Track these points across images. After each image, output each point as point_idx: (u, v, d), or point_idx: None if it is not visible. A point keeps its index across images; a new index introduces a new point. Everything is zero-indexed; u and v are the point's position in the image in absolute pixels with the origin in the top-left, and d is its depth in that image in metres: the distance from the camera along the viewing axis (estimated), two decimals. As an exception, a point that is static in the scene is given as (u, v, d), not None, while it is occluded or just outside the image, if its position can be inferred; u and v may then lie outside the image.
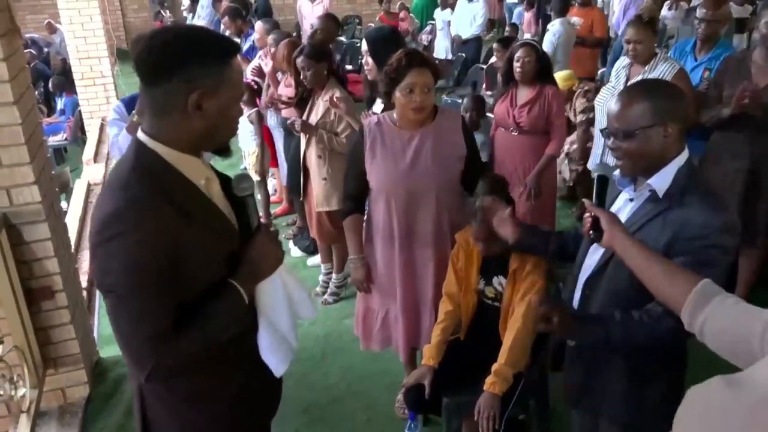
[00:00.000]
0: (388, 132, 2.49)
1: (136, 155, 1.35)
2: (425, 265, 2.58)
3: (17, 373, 2.63)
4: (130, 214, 1.27)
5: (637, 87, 1.68)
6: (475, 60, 7.81)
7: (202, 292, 1.38)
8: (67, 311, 2.86)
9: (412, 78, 2.34)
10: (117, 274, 1.29)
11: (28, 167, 2.60)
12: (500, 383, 2.27)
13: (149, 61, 1.30)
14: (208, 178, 1.46)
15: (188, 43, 1.31)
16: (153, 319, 1.31)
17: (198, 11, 9.28)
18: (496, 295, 2.43)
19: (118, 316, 1.33)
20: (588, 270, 1.82)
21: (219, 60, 1.33)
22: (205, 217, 1.40)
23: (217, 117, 1.35)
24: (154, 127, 1.36)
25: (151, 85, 1.32)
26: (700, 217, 1.56)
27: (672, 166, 1.63)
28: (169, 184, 1.34)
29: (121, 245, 1.26)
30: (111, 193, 1.32)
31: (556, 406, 2.63)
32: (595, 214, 1.62)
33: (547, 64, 3.74)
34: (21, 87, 2.63)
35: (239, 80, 1.40)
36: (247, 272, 1.45)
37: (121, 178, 1.33)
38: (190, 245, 1.33)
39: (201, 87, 1.30)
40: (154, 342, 1.31)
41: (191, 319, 1.35)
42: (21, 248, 2.68)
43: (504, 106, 3.72)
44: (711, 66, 3.68)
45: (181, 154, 1.37)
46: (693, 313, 1.34)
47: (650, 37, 3.48)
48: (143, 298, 1.29)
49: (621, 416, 1.82)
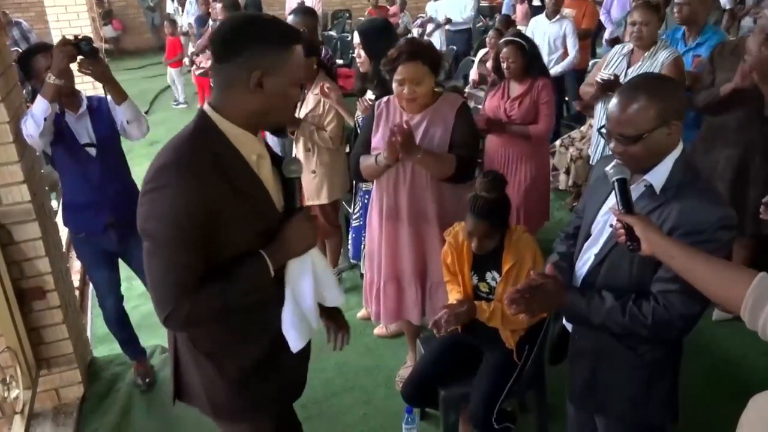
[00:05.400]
0: (393, 111, 2.66)
1: (196, 122, 1.49)
2: (431, 240, 2.66)
3: (10, 375, 2.61)
4: (176, 170, 1.40)
5: (638, 88, 1.60)
6: (466, 52, 7.79)
7: (232, 259, 1.48)
8: (59, 311, 2.84)
9: (401, 72, 2.47)
10: (156, 222, 1.41)
11: (16, 166, 2.57)
12: (486, 313, 2.32)
13: (221, 39, 1.44)
14: (260, 155, 1.55)
15: (256, 27, 1.45)
16: (180, 269, 1.42)
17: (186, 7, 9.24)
18: (489, 290, 2.42)
19: (151, 261, 1.45)
20: (585, 266, 1.80)
21: (282, 44, 1.45)
22: (248, 190, 1.50)
23: (275, 97, 1.47)
24: (218, 100, 1.49)
25: (220, 62, 1.45)
26: (697, 212, 1.55)
27: (668, 160, 1.61)
28: (220, 152, 1.46)
29: (163, 196, 1.39)
30: (165, 151, 1.46)
31: (554, 399, 2.63)
32: (627, 223, 1.52)
33: (536, 57, 3.70)
34: (8, 84, 2.60)
35: (299, 66, 1.50)
36: (279, 247, 1.54)
37: (178, 139, 1.48)
38: (228, 213, 1.43)
39: (263, 67, 1.42)
40: (177, 289, 1.43)
41: (216, 277, 1.46)
42: (11, 248, 2.65)
43: (496, 99, 3.71)
44: (699, 52, 3.68)
45: (237, 128, 1.48)
46: (754, 312, 1.27)
47: (656, 20, 3.47)
48: (175, 248, 1.41)
49: (626, 413, 1.81)
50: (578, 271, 1.84)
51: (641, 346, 1.72)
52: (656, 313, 1.60)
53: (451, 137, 2.53)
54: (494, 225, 2.26)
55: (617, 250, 1.66)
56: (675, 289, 1.56)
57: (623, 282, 1.68)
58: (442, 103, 2.59)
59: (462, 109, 2.58)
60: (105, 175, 2.78)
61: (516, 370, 2.41)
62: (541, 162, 3.77)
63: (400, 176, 2.63)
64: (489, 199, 2.23)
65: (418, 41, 2.62)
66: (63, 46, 2.49)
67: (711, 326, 3.33)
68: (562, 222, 4.68)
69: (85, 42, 2.55)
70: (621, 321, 1.64)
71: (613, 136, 1.61)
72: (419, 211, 2.65)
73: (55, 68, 2.48)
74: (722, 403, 2.71)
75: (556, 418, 2.62)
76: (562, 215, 4.86)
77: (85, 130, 2.74)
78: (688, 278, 1.44)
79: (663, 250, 1.47)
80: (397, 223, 2.67)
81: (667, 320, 1.59)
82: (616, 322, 1.65)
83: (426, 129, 2.55)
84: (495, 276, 2.38)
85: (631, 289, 1.66)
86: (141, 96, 8.73)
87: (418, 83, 2.47)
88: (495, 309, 2.32)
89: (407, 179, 2.61)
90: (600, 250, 1.75)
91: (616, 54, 3.66)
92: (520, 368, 2.41)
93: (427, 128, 2.55)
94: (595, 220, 1.80)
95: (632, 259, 1.63)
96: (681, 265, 1.44)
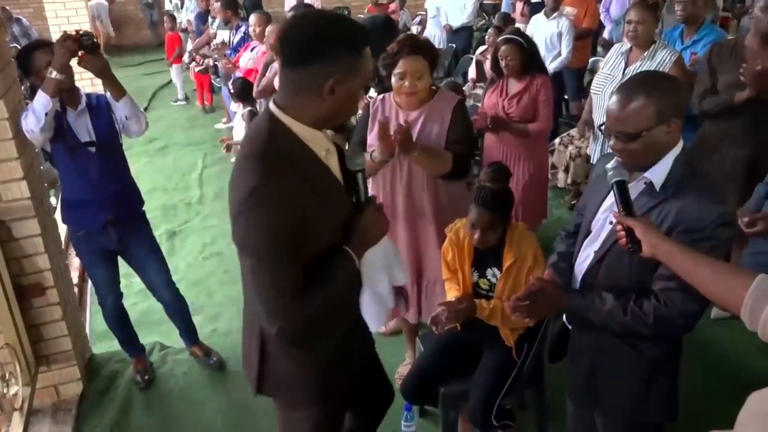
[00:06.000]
0: (389, 109, 2.65)
1: (269, 126, 1.49)
2: (427, 238, 2.67)
3: (9, 371, 2.61)
4: (268, 185, 1.41)
5: (637, 85, 1.60)
6: (466, 50, 7.77)
7: (318, 256, 1.52)
8: (58, 308, 2.83)
9: (402, 66, 2.49)
10: (256, 239, 1.43)
11: (16, 162, 2.57)
12: (486, 311, 2.31)
13: (297, 44, 1.42)
14: (328, 150, 1.59)
15: (332, 32, 1.42)
16: (287, 278, 1.46)
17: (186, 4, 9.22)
18: (489, 287, 2.43)
19: (257, 276, 1.48)
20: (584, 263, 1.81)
21: (356, 50, 1.44)
22: (326, 186, 1.55)
23: (344, 101, 1.48)
24: (286, 101, 1.49)
25: (293, 66, 1.44)
26: (696, 210, 1.55)
27: (668, 157, 1.61)
28: (297, 154, 1.49)
29: (260, 213, 1.41)
30: (249, 164, 1.46)
31: (553, 397, 2.64)
32: (628, 225, 1.52)
33: (535, 55, 3.69)
34: (7, 81, 2.59)
35: (368, 69, 1.51)
36: (359, 240, 1.60)
37: (257, 148, 1.48)
38: (313, 210, 1.47)
39: (338, 74, 1.41)
40: (287, 300, 1.46)
41: (313, 283, 1.50)
42: (10, 245, 2.65)
43: (494, 97, 3.70)
44: (696, 49, 3.68)
45: (306, 127, 1.50)
46: (754, 313, 1.27)
47: (652, 19, 3.48)
48: (278, 259, 1.44)
49: (625, 410, 1.82)
50: (578, 268, 1.84)
51: (642, 343, 1.72)
52: (657, 311, 1.60)
53: (448, 134, 2.54)
54: (498, 217, 2.26)
55: (617, 247, 1.66)
56: (676, 287, 1.57)
57: (623, 279, 1.68)
58: (438, 100, 2.60)
59: (458, 106, 2.59)
60: (104, 172, 2.78)
61: (515, 368, 2.41)
62: (539, 160, 3.77)
63: (396, 174, 2.63)
64: (494, 190, 2.24)
65: (417, 37, 2.64)
66: (64, 41, 2.49)
67: (710, 324, 3.33)
68: (560, 220, 4.69)
69: (86, 37, 2.55)
70: (623, 320, 1.64)
71: (612, 133, 1.62)
72: (416, 209, 2.65)
73: (57, 63, 2.48)
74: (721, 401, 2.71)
75: (555, 416, 2.63)
76: (561, 213, 4.86)
77: (85, 127, 2.73)
78: (689, 280, 1.44)
79: (663, 251, 1.47)
80: (394, 221, 2.67)
81: (669, 318, 1.60)
82: (617, 321, 1.65)
83: (423, 126, 2.56)
84: (496, 273, 2.38)
85: (631, 287, 1.67)
86: (139, 93, 8.71)
87: (419, 77, 2.49)
88: (495, 307, 2.32)
89: (404, 177, 2.62)
90: (600, 248, 1.75)
91: (615, 53, 3.67)
92: (519, 366, 2.42)
93: (424, 125, 2.56)
94: (595, 218, 1.80)
95: (632, 256, 1.63)
96: (682, 267, 1.45)
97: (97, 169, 2.76)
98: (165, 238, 4.70)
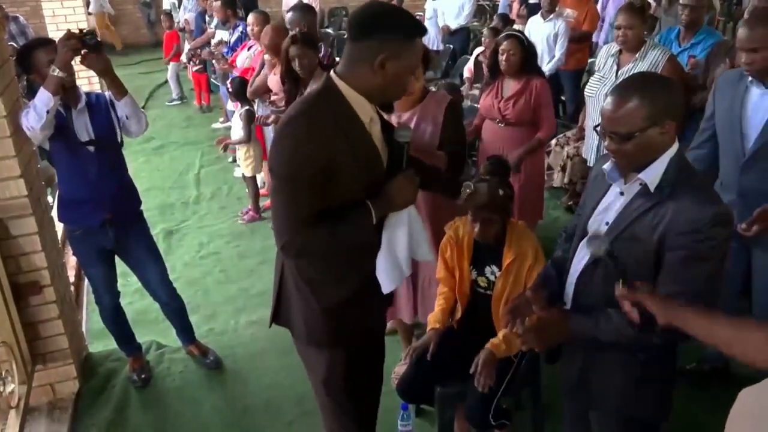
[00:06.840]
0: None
1: (324, 85, 1.72)
2: None
3: (5, 369, 2.61)
4: (303, 119, 1.67)
5: (631, 86, 1.61)
6: (464, 51, 7.78)
7: (341, 205, 1.70)
8: (55, 306, 2.84)
9: None
10: (282, 163, 1.66)
11: (13, 160, 2.57)
12: (504, 348, 2.30)
13: (358, 22, 1.66)
14: (372, 118, 1.77)
15: (389, 16, 1.66)
16: (299, 204, 1.67)
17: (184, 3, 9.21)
18: (488, 284, 2.44)
19: (275, 196, 1.74)
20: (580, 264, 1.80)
21: (409, 34, 1.66)
22: (360, 146, 1.72)
23: (393, 78, 1.66)
24: (344, 70, 1.71)
25: (354, 40, 1.67)
26: (691, 211, 1.55)
27: (663, 158, 1.62)
28: (340, 110, 1.69)
29: (290, 141, 1.66)
30: (296, 104, 1.74)
31: (549, 397, 2.64)
32: (638, 301, 1.51)
33: (534, 56, 3.71)
34: (5, 78, 2.60)
35: (418, 57, 1.72)
36: (383, 200, 1.76)
37: (307, 96, 1.79)
38: (342, 163, 1.65)
39: (389, 51, 1.62)
40: (295, 222, 1.68)
41: (328, 218, 1.69)
42: (8, 243, 2.65)
43: (490, 98, 3.70)
44: (694, 52, 3.70)
45: (357, 94, 1.70)
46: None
47: (640, 23, 3.49)
48: (295, 186, 1.65)
49: (618, 409, 1.82)
50: (573, 268, 1.84)
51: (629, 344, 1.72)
52: None
53: (441, 134, 2.55)
54: (498, 202, 2.25)
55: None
56: (679, 291, 1.56)
57: None
58: (430, 100, 2.62)
59: (450, 106, 2.60)
60: (102, 171, 2.78)
61: (512, 368, 2.42)
62: (535, 160, 3.78)
63: None
64: (497, 163, 2.29)
65: None
66: (67, 39, 2.49)
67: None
68: (557, 220, 4.70)
69: (89, 36, 2.55)
70: (632, 334, 1.62)
71: (606, 134, 1.63)
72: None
73: (60, 61, 2.48)
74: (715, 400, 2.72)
75: (551, 416, 2.64)
76: (557, 214, 4.88)
77: (84, 126, 2.73)
78: (709, 341, 1.43)
79: (682, 320, 1.46)
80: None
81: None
82: (627, 336, 1.64)
83: (416, 126, 2.57)
84: (494, 270, 2.39)
85: None
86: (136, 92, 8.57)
87: (417, 77, 2.50)
88: (505, 337, 2.31)
89: None
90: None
91: (605, 55, 3.69)
92: (516, 366, 2.43)
93: (417, 124, 2.57)
94: (591, 219, 1.81)
95: (628, 256, 1.63)
96: (700, 329, 1.43)
97: (95, 168, 2.76)
98: (162, 238, 4.69)
